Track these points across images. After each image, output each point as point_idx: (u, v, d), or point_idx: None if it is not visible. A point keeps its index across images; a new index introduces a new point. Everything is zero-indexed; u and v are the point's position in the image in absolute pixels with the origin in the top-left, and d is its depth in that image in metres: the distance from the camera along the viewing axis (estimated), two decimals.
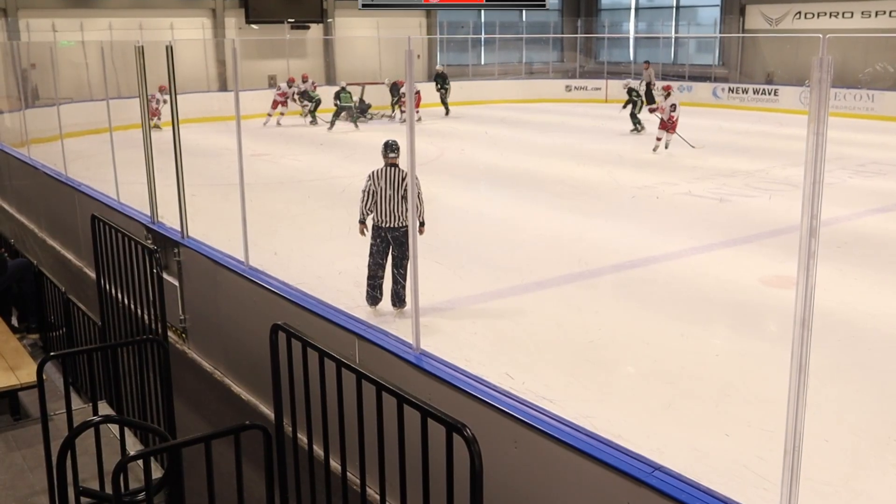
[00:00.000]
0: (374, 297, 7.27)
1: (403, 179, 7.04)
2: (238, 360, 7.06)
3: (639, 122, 20.08)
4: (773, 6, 27.53)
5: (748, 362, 6.28)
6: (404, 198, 7.03)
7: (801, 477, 3.21)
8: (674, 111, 17.01)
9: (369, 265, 7.24)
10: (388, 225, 7.09)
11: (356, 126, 21.33)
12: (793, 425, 3.15)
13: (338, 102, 21.40)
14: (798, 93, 24.07)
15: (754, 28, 28.26)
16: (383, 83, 23.18)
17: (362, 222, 7.32)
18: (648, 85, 23.24)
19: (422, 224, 7.12)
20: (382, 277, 7.24)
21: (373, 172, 7.20)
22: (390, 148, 7.18)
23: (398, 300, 7.21)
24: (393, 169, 7.15)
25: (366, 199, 7.19)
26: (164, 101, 18.61)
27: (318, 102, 22.08)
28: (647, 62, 25.73)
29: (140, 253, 6.26)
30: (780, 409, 3.30)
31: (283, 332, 4.18)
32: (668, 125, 17.05)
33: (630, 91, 20.28)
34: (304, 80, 22.78)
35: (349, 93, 21.85)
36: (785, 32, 26.79)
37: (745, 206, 11.81)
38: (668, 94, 17.49)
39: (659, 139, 17.14)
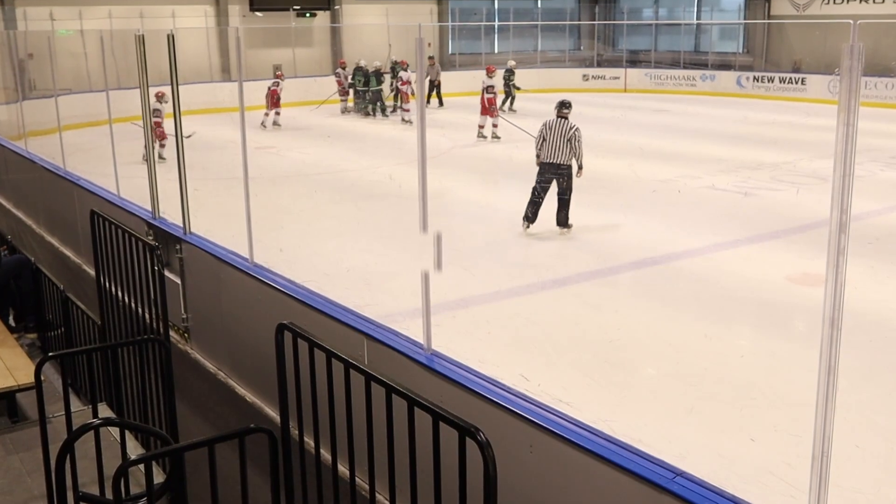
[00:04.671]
0: (528, 217, 9.90)
1: (570, 129, 9.77)
2: (242, 361, 7.08)
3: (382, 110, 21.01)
4: None
5: (774, 364, 6.26)
6: (569, 141, 9.72)
7: (831, 483, 3.19)
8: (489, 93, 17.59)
9: (532, 193, 9.91)
10: (552, 161, 9.82)
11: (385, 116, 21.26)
12: (822, 429, 3.13)
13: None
14: (826, 81, 23.93)
15: (780, 14, 28.12)
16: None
17: (538, 156, 10.04)
18: (432, 82, 23.41)
19: (580, 168, 9.89)
20: (541, 204, 9.83)
21: (545, 122, 9.92)
22: (564, 105, 10.01)
23: (562, 223, 9.85)
24: (561, 120, 9.85)
25: (538, 142, 9.98)
26: None
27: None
28: (431, 57, 25.56)
29: (141, 250, 6.28)
30: (807, 413, 3.28)
31: (290, 332, 4.18)
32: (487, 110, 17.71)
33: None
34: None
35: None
36: (813, 18, 26.64)
37: (771, 200, 11.76)
38: (492, 76, 18.16)
39: (481, 126, 17.86)
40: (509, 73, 22.47)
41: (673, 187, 12.66)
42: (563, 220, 9.82)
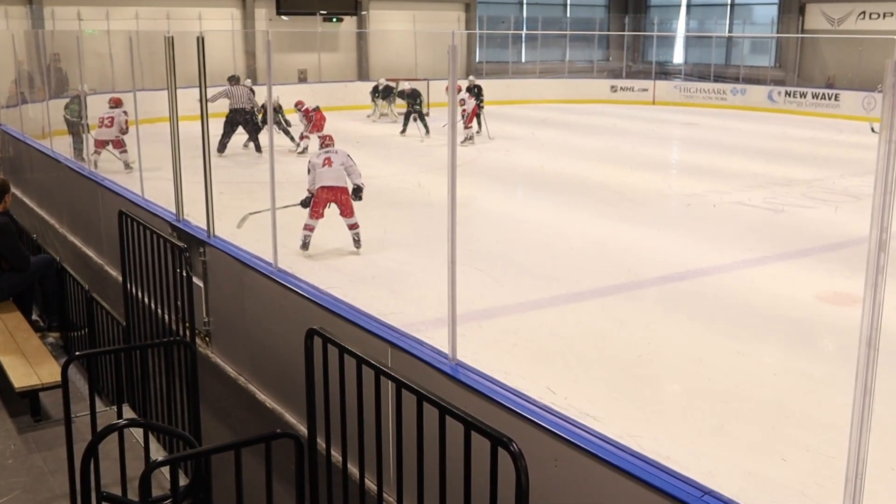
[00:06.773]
0: None
1: None
2: (264, 366, 7.13)
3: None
4: (835, 5, 27.24)
5: (804, 383, 6.23)
6: None
7: None
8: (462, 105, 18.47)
9: None
10: None
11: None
12: (856, 451, 3.12)
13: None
14: (861, 98, 23.79)
15: (814, 28, 27.99)
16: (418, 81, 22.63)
17: None
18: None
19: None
20: None
21: None
22: None
23: None
24: None
25: None
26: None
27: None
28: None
29: (169, 251, 6.35)
30: (839, 434, 3.28)
31: (319, 337, 4.22)
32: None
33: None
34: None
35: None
36: (848, 33, 26.50)
37: (802, 218, 11.70)
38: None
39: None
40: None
41: (702, 202, 12.64)
42: None
